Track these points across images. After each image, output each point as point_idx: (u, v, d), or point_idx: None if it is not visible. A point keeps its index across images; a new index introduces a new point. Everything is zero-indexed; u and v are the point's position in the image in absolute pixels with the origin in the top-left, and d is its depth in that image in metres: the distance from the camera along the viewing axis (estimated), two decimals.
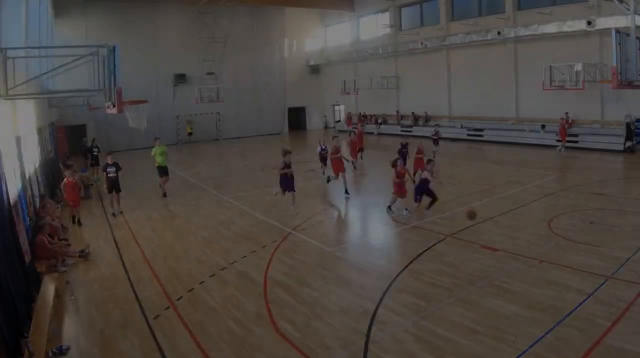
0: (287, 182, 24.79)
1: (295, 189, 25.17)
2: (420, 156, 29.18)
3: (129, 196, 30.38)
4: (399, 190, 23.43)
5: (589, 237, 18.96)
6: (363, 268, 17.27)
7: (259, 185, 33.22)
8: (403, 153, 29.70)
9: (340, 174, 29.34)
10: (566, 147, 40.72)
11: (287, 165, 24.61)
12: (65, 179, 24.73)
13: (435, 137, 42.15)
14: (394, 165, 23.54)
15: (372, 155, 45.90)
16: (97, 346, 12.55)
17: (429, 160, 23.94)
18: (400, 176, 23.33)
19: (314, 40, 79.70)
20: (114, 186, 26.57)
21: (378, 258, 18.34)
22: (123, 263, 18.99)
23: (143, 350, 12.17)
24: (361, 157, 39.80)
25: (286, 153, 24.87)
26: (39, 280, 15.93)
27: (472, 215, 20.11)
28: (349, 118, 72.58)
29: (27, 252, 16.49)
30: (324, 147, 33.76)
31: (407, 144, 31.84)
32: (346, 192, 28.48)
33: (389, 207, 23.91)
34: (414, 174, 27.63)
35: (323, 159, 33.74)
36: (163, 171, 30.43)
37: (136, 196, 31.42)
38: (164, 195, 30.65)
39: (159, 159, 30.01)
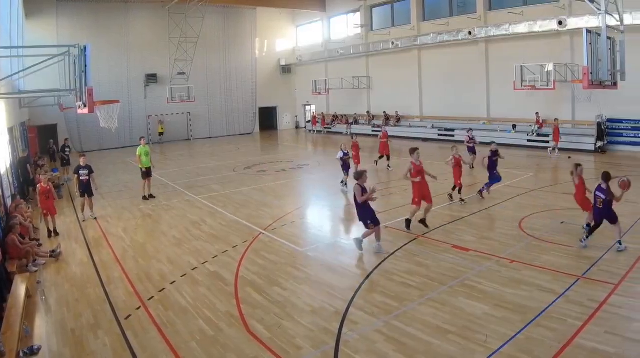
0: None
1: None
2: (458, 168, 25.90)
3: (101, 196, 30.40)
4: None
5: (560, 236, 19.10)
6: (334, 268, 17.31)
7: (230, 185, 33.34)
8: (492, 161, 27.97)
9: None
10: (544, 148, 40.86)
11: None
12: (39, 185, 23.83)
13: (471, 144, 35.30)
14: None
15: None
16: (68, 346, 12.51)
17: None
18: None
19: (285, 40, 79.80)
20: (86, 190, 25.87)
21: (349, 258, 18.40)
22: (94, 263, 18.94)
23: (114, 350, 12.16)
24: (388, 165, 36.62)
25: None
26: (10, 280, 15.84)
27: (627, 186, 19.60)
28: (314, 119, 73.66)
29: None
30: (346, 152, 31.09)
31: (497, 150, 27.91)
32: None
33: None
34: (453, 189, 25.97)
35: (346, 166, 31.04)
36: (148, 173, 30.10)
37: (108, 196, 31.44)
38: (150, 196, 30.38)
39: (144, 159, 29.67)
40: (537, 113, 45.87)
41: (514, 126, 47.70)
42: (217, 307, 14.34)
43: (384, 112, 63.70)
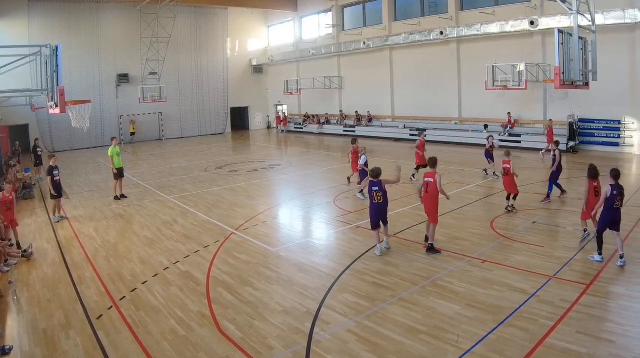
0: None
1: None
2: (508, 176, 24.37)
3: (72, 196, 30.37)
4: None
5: (531, 237, 19.23)
6: (306, 268, 17.26)
7: (201, 185, 33.27)
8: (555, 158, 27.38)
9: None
10: (516, 148, 40.99)
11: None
12: (0, 194, 22.24)
13: (491, 148, 32.26)
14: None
15: (315, 155, 46.84)
16: (40, 346, 12.43)
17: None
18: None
19: (257, 40, 79.81)
20: (59, 191, 25.70)
21: (321, 258, 18.35)
22: (66, 263, 18.83)
23: (86, 350, 12.08)
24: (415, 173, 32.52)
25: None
26: None
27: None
28: (278, 118, 75.11)
29: None
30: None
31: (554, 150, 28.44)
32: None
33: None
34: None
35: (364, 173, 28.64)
36: (120, 173, 29.84)
37: (79, 196, 31.23)
38: (122, 196, 30.11)
39: (116, 160, 29.49)
40: (509, 113, 46.14)
41: (486, 126, 47.79)
42: (188, 307, 14.30)
43: (356, 111, 63.92)
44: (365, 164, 26.95)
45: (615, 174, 16.57)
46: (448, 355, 11.02)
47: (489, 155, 31.58)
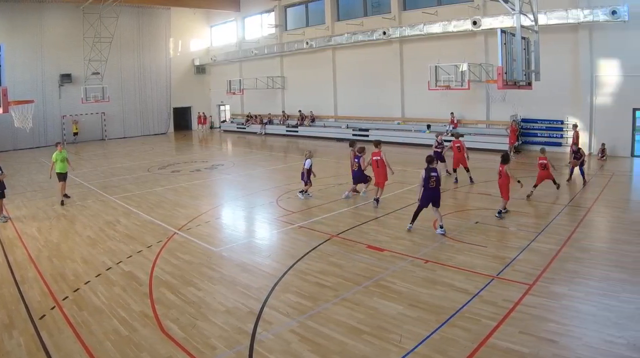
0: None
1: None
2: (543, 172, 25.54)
3: (15, 196, 29.94)
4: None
5: (474, 237, 19.35)
6: (249, 268, 17.19)
7: (144, 185, 33.07)
8: (578, 155, 27.65)
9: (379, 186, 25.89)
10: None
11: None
12: None
13: (438, 146, 31.70)
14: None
15: (258, 155, 46.75)
16: None
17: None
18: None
19: (199, 40, 79.81)
20: (1, 191, 24.95)
21: (264, 258, 18.30)
22: (8, 263, 18.53)
23: (28, 350, 11.88)
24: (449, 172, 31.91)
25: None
26: None
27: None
28: (200, 117, 75.92)
29: None
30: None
31: (578, 149, 28.41)
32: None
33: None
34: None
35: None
36: (63, 177, 28.97)
37: (22, 196, 30.78)
38: (65, 196, 29.18)
39: (60, 166, 28.59)
40: (452, 113, 46.62)
41: (429, 126, 48.06)
42: (131, 307, 14.15)
43: (299, 111, 64.01)
44: (310, 168, 26.70)
45: (430, 160, 19.90)
46: (391, 355, 11.01)
47: (439, 156, 30.46)
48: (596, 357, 10.51)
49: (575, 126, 35.93)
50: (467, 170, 28.88)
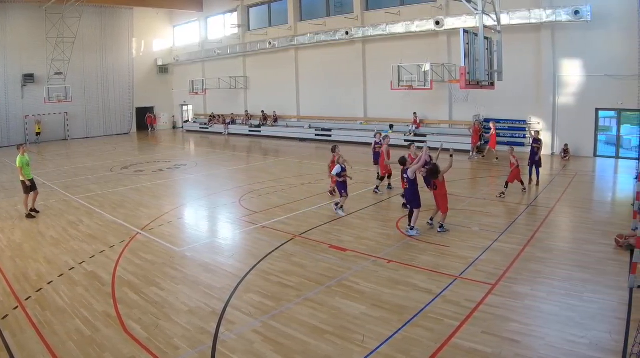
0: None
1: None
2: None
3: None
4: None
5: (437, 237, 19.34)
6: (211, 268, 17.13)
7: (107, 185, 32.80)
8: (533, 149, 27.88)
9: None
10: (421, 148, 41.35)
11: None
12: None
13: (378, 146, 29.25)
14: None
15: (221, 155, 46.84)
16: None
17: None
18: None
19: (162, 40, 79.63)
20: None
21: (227, 258, 18.24)
22: None
23: None
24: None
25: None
26: None
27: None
28: (149, 117, 76.03)
29: None
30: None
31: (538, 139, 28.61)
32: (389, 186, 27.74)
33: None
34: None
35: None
36: (33, 185, 26.24)
37: None
38: (34, 211, 26.28)
39: (27, 171, 26.21)
40: (414, 113, 46.61)
41: (391, 126, 47.53)
42: (94, 307, 13.99)
43: (262, 111, 64.03)
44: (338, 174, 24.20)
45: (402, 161, 20.45)
46: (354, 355, 10.96)
47: (377, 156, 28.92)
48: (559, 357, 10.52)
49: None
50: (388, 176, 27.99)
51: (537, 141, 28.13)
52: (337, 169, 23.10)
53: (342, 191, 23.08)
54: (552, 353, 10.67)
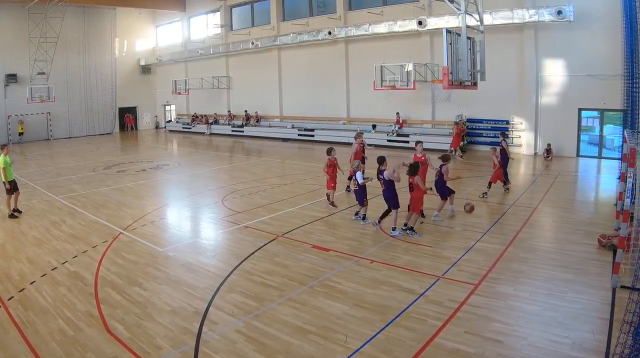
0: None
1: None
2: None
3: None
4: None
5: (420, 237, 19.36)
6: (194, 268, 17.10)
7: (90, 185, 32.66)
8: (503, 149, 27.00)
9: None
10: (404, 148, 41.18)
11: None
12: None
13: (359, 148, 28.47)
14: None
15: (203, 155, 46.89)
16: None
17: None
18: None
19: (145, 40, 79.44)
20: None
21: (209, 258, 18.22)
22: None
23: None
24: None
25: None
26: None
27: (471, 209, 21.17)
28: (128, 117, 75.92)
29: None
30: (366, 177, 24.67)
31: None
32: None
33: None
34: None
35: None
36: (15, 186, 26.13)
37: None
38: (16, 211, 26.09)
39: (10, 171, 26.07)
40: (397, 113, 46.80)
41: (374, 126, 48.30)
42: (77, 307, 13.94)
43: (245, 111, 64.07)
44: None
45: (380, 161, 20.55)
46: (336, 355, 10.96)
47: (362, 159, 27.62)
48: (542, 357, 10.53)
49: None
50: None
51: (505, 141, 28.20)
52: (360, 177, 21.73)
53: (364, 199, 21.93)
54: (535, 353, 10.68)
